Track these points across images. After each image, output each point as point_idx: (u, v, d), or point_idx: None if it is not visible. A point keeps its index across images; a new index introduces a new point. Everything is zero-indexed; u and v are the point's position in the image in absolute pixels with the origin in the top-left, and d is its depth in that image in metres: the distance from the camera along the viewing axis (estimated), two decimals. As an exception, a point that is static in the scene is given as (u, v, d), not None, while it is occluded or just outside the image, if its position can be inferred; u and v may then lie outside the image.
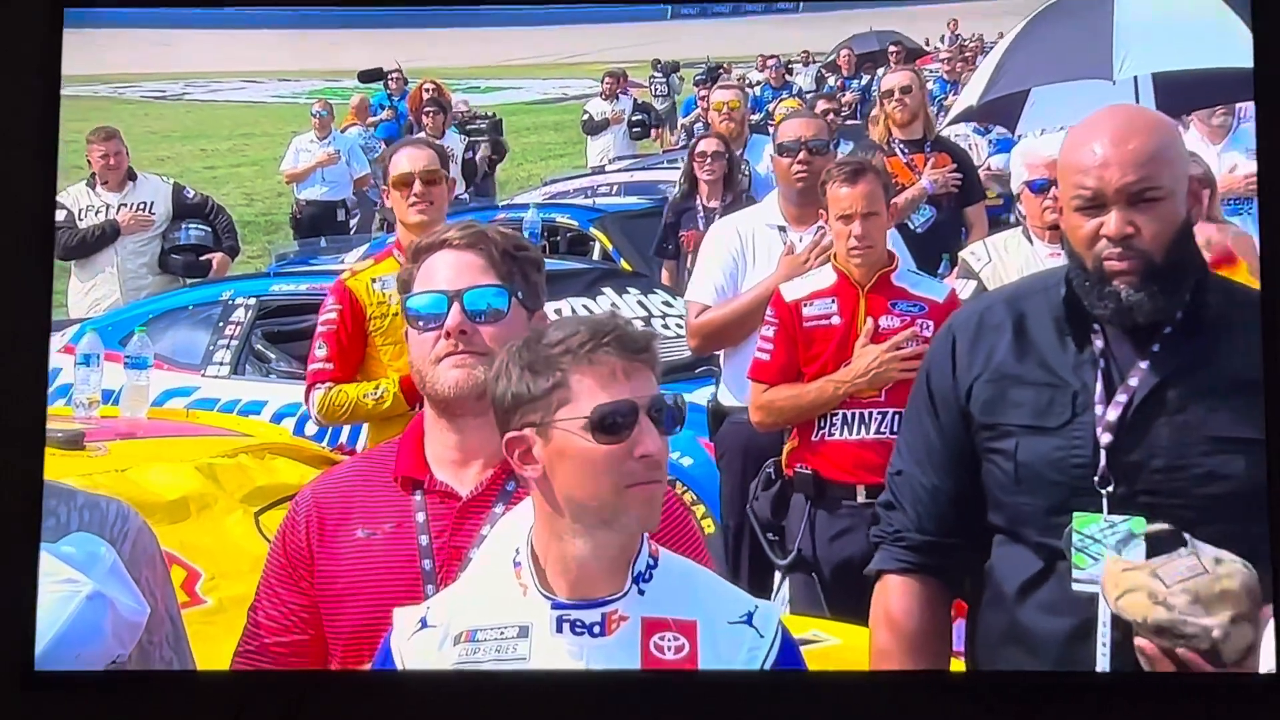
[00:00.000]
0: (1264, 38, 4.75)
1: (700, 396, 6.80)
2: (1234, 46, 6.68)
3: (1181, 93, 7.01)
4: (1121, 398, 3.26)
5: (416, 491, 3.30)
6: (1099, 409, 3.26)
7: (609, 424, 2.84)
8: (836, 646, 4.47)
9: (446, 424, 3.30)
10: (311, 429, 7.21)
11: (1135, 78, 6.75)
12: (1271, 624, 3.14)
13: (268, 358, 7.85)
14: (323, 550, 3.31)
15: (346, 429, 6.14)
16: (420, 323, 3.33)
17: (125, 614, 3.21)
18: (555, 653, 2.89)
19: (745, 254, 6.16)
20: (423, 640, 2.96)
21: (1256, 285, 5.26)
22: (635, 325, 2.97)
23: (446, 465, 3.30)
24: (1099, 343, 3.30)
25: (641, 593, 2.92)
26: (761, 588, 5.83)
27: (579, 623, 2.89)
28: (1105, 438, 3.25)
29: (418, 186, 5.70)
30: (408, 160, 5.78)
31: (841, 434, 5.38)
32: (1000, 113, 7.33)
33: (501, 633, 2.91)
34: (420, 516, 3.28)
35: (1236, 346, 3.31)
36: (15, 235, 4.83)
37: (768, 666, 2.96)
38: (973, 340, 3.40)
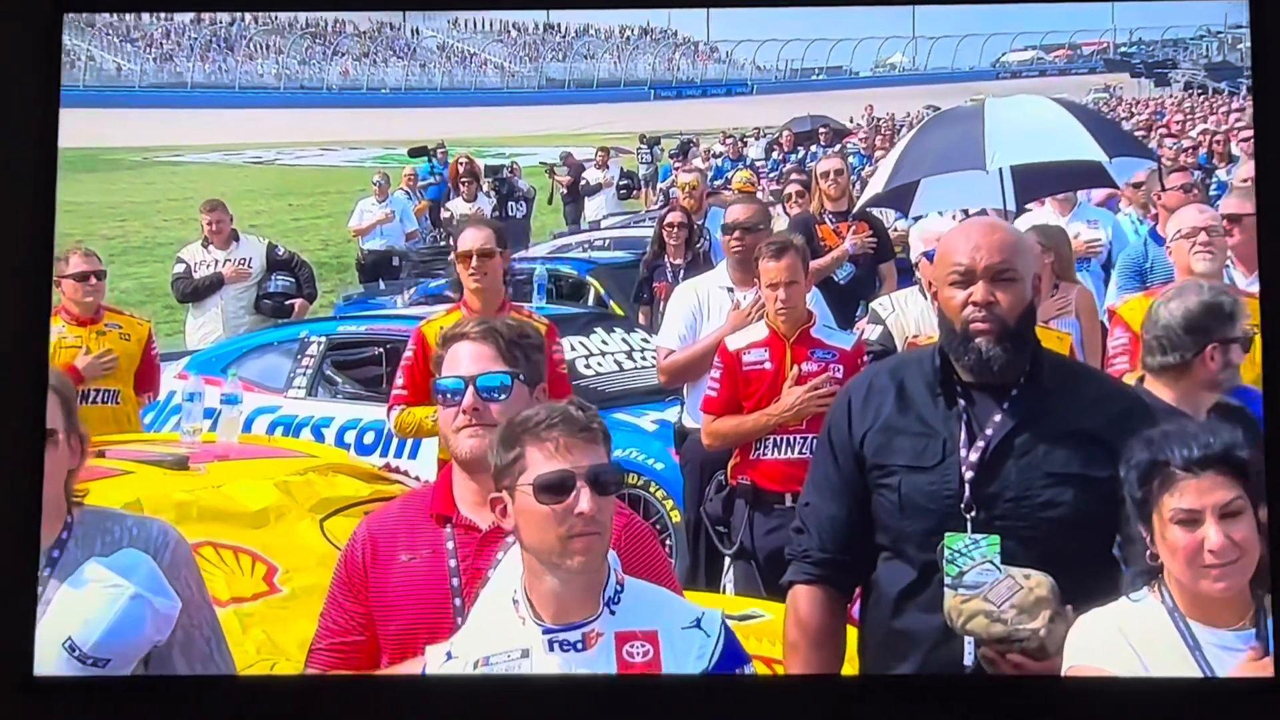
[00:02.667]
0: (1263, 37, 4.43)
1: (670, 415, 6.85)
2: (1076, 146, 6.84)
3: (1034, 180, 7.16)
4: (980, 443, 3.28)
5: (447, 525, 3.33)
6: (963, 452, 3.28)
7: (549, 488, 2.88)
8: (770, 621, 4.44)
9: (467, 475, 3.33)
10: (369, 439, 7.27)
11: (1000, 170, 6.88)
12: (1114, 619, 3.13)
13: (336, 382, 7.85)
14: (375, 570, 3.34)
15: (393, 448, 6.17)
16: (445, 399, 3.38)
17: (161, 609, 3.22)
18: (550, 667, 2.93)
19: (702, 309, 6.21)
20: (450, 669, 3.00)
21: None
22: (582, 409, 3.00)
23: (469, 505, 3.32)
24: (963, 401, 3.32)
25: (613, 613, 2.95)
26: (714, 569, 5.88)
27: (565, 642, 2.92)
28: (968, 474, 3.26)
29: (475, 261, 5.72)
30: (469, 240, 5.77)
31: (773, 454, 5.42)
32: (897, 198, 7.45)
33: (509, 655, 2.94)
34: (450, 545, 3.31)
35: (1066, 404, 3.32)
36: (17, 245, 4.41)
37: (715, 657, 2.98)
38: (864, 400, 3.41)
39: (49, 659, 3.19)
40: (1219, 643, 3.00)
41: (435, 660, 3.02)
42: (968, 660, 3.25)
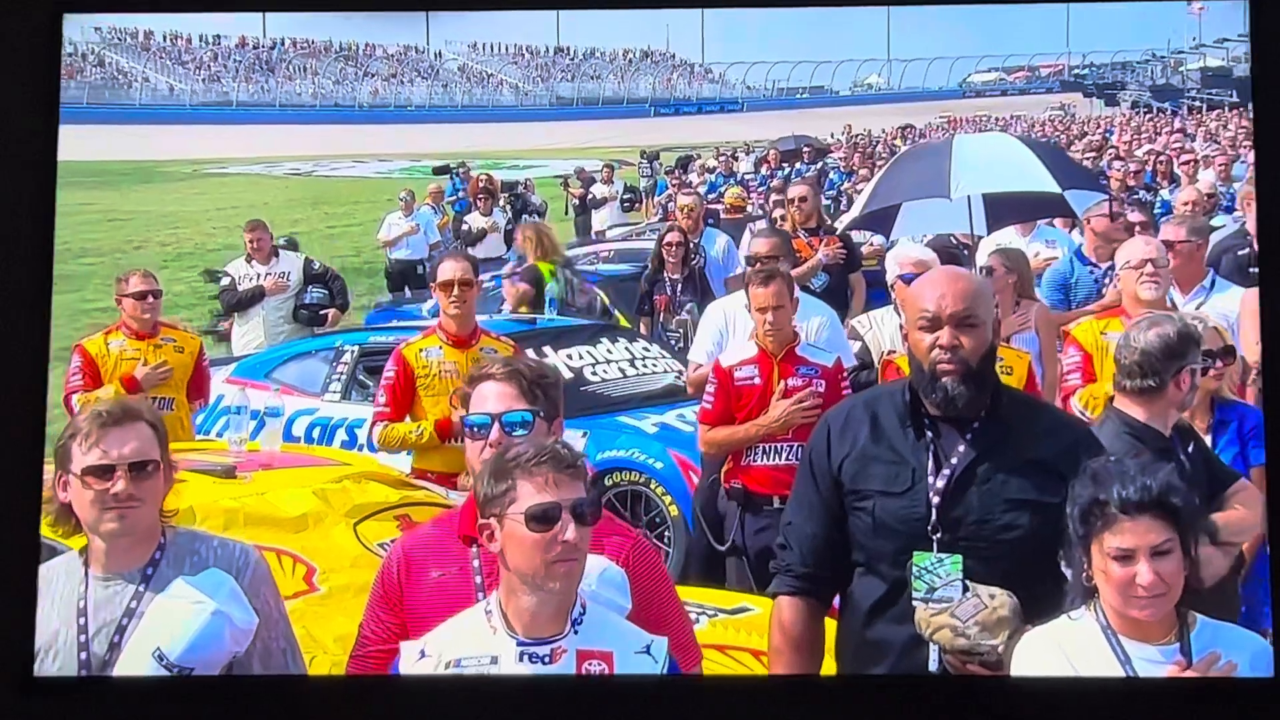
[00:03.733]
0: (1263, 37, 4.23)
1: (669, 418, 6.87)
2: (1034, 179, 6.93)
3: (1003, 208, 7.25)
4: (946, 471, 3.30)
5: (473, 545, 3.32)
6: (931, 479, 3.30)
7: (538, 518, 2.92)
8: (759, 615, 4.43)
9: None
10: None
11: (969, 197, 6.96)
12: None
13: (368, 386, 7.84)
14: (409, 585, 3.34)
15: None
16: (472, 433, 3.40)
17: (240, 624, 3.27)
18: (517, 675, 2.97)
19: (728, 327, 6.24)
20: (422, 667, 3.02)
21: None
22: (568, 449, 3.03)
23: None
24: (930, 433, 3.34)
25: (576, 632, 2.98)
26: (716, 562, 5.86)
27: (534, 654, 2.96)
28: (935, 499, 3.28)
29: (455, 290, 5.77)
30: (449, 270, 5.86)
31: (762, 460, 5.43)
32: (878, 221, 7.57)
33: (479, 660, 2.97)
34: (475, 563, 3.30)
35: (1023, 436, 3.33)
36: (14, 257, 4.16)
37: None
38: (841, 430, 3.42)
39: (139, 665, 3.20)
40: (1147, 657, 3.04)
41: (410, 656, 3.04)
42: (933, 667, 3.27)
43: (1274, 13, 4.24)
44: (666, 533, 6.74)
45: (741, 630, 4.52)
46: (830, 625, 3.55)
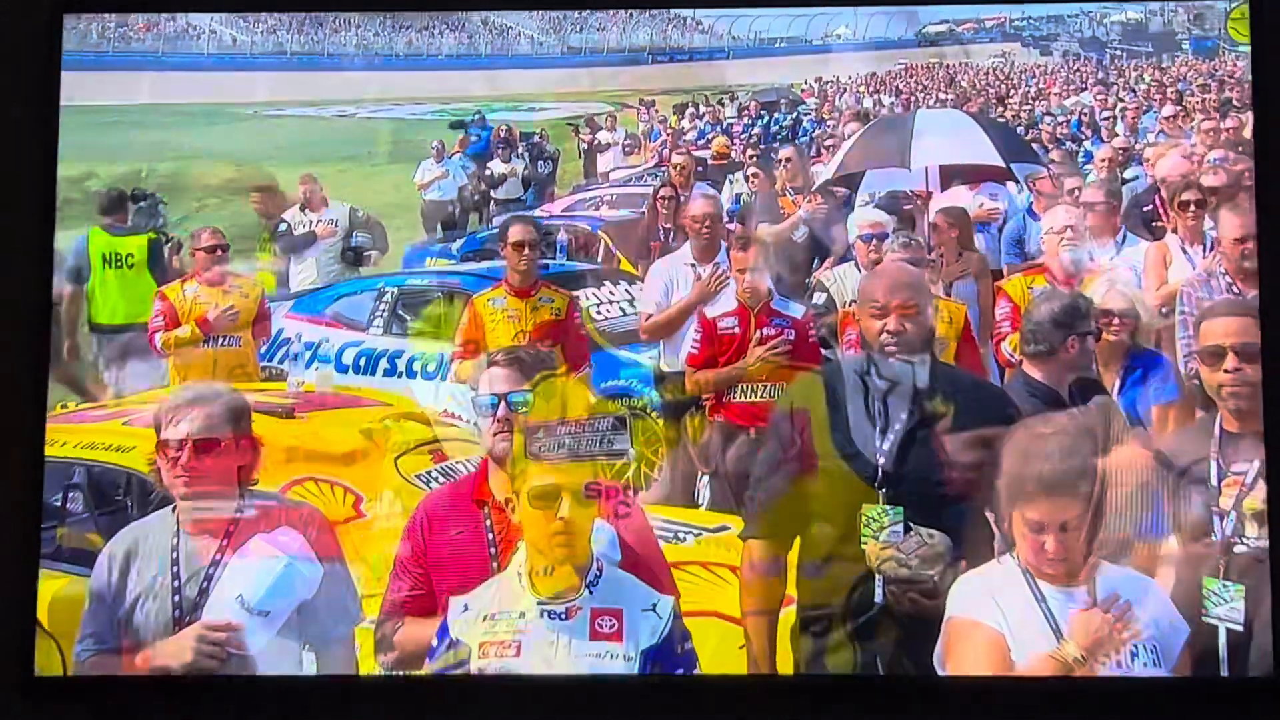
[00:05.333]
0: (1262, 38, 4.02)
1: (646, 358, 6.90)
2: (982, 153, 6.93)
3: (954, 174, 7.27)
4: (891, 437, 3.38)
5: (484, 507, 3.40)
6: (878, 442, 3.38)
7: (539, 497, 3.02)
8: (735, 533, 4.46)
9: (500, 468, 3.40)
10: (432, 367, 7.26)
11: (926, 167, 6.98)
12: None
13: (405, 320, 7.85)
14: (431, 540, 3.42)
15: (448, 402, 6.18)
16: (483, 412, 3.45)
17: (308, 574, 3.37)
18: (539, 628, 3.06)
19: (672, 281, 6.24)
20: (465, 619, 3.11)
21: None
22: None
23: (502, 492, 3.37)
24: (879, 404, 3.40)
25: (591, 593, 3.07)
26: (687, 486, 5.93)
27: (552, 612, 3.06)
28: (881, 460, 3.37)
29: (526, 250, 5.86)
30: (520, 233, 6.04)
31: (740, 398, 5.46)
32: (847, 183, 7.60)
33: (510, 614, 3.08)
34: (487, 522, 3.39)
35: (954, 408, 3.40)
36: (14, 257, 3.79)
37: (664, 634, 3.09)
38: (803, 403, 3.49)
39: (224, 609, 3.28)
40: (1061, 597, 3.12)
41: (455, 609, 3.14)
42: (878, 599, 3.36)
43: (1274, 13, 4.04)
44: (659, 449, 6.77)
45: (722, 547, 4.54)
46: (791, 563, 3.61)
